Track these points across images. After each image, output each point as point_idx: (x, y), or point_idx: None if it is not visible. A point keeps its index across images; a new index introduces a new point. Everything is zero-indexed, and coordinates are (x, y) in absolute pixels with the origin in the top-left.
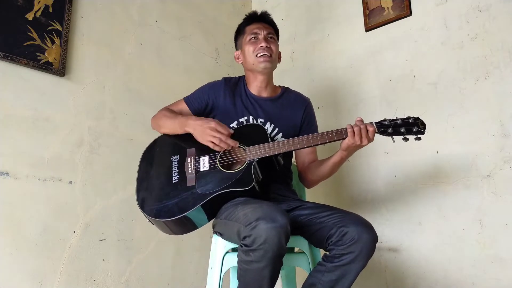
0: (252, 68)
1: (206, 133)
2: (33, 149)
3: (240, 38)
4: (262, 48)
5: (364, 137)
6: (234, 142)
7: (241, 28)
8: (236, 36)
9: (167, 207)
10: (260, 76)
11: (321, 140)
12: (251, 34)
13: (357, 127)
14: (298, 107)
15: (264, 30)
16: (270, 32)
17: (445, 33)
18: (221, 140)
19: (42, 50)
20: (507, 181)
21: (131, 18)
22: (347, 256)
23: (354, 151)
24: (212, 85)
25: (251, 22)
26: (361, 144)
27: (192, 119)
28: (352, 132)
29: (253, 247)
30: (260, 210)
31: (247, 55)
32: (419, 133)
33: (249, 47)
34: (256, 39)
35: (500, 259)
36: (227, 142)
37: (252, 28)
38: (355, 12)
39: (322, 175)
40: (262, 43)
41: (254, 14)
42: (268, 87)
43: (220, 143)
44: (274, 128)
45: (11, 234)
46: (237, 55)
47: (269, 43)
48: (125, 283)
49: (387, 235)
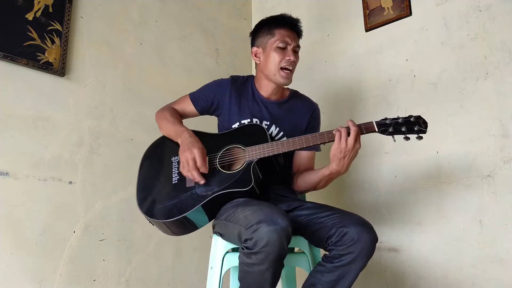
0: (271, 76)
1: (184, 155)
2: (33, 149)
3: (266, 37)
4: (289, 61)
5: (351, 140)
6: (200, 178)
7: (270, 28)
8: (258, 31)
9: (166, 208)
10: (275, 85)
11: (320, 139)
12: (282, 41)
13: (341, 130)
14: (305, 112)
15: (294, 42)
16: (298, 45)
17: (445, 33)
18: (189, 170)
19: (42, 50)
20: (507, 181)
21: (131, 18)
22: (347, 257)
23: (344, 164)
24: (218, 83)
25: (283, 26)
26: (347, 148)
27: (186, 134)
28: (339, 136)
29: (255, 250)
30: (260, 212)
31: (270, 62)
32: (420, 132)
33: (275, 55)
34: (285, 50)
35: (500, 259)
36: (192, 174)
37: (284, 35)
38: (355, 12)
39: (310, 184)
40: (291, 56)
41: (288, 18)
42: (278, 91)
43: (187, 171)
44: (279, 132)
45: (11, 234)
46: (256, 52)
47: (296, 57)
48: (125, 283)
49: (387, 235)
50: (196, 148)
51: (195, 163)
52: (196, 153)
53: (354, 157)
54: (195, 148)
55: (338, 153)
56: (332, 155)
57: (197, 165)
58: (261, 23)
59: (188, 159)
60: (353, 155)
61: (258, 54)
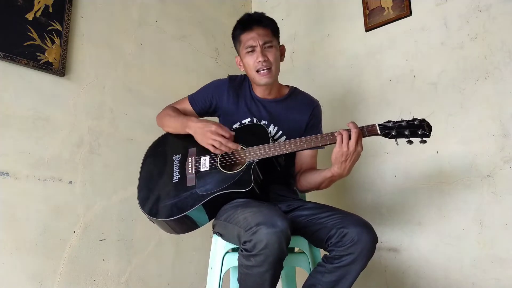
0: (253, 81)
1: (207, 136)
2: (33, 149)
3: (237, 45)
4: (259, 63)
5: (353, 143)
6: (235, 145)
7: (236, 35)
8: (233, 40)
9: (166, 207)
10: (263, 86)
11: (322, 141)
12: (246, 47)
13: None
14: (304, 109)
15: (260, 40)
16: (266, 41)
17: (445, 33)
18: (222, 143)
19: (42, 50)
20: (507, 181)
21: (131, 18)
22: (347, 257)
23: (346, 167)
24: (216, 84)
25: (244, 30)
26: (348, 152)
27: (193, 121)
28: (340, 139)
29: (254, 252)
30: (260, 214)
31: (247, 68)
32: (424, 136)
33: (247, 61)
34: (253, 52)
35: (500, 259)
36: (227, 146)
37: (247, 39)
38: (355, 12)
39: (313, 185)
40: (259, 57)
41: (246, 20)
42: (273, 90)
43: (220, 146)
44: (278, 131)
45: (11, 234)
46: (238, 61)
47: (267, 54)
48: (125, 283)
49: (387, 235)
50: (212, 125)
51: (222, 136)
52: (216, 129)
53: (356, 160)
54: (211, 126)
55: (340, 156)
56: (333, 158)
57: (226, 137)
58: (232, 31)
59: (214, 138)
60: (355, 158)
61: (240, 63)
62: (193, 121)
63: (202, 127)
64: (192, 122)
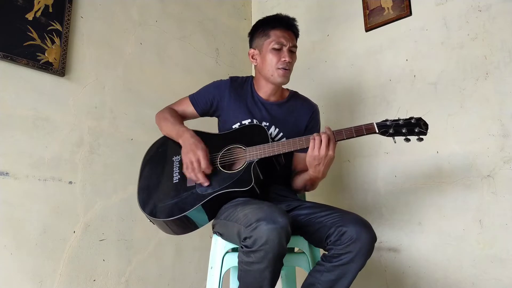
0: (268, 77)
1: (188, 156)
2: (33, 149)
3: (261, 39)
4: (285, 62)
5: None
6: (204, 179)
7: (265, 29)
8: (254, 33)
9: (167, 207)
10: (273, 85)
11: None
12: (277, 43)
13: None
14: (304, 112)
15: (290, 42)
16: (295, 45)
17: (445, 33)
18: (194, 169)
19: (42, 50)
20: (507, 181)
21: (131, 18)
22: (346, 256)
23: (320, 171)
24: (218, 84)
25: (277, 27)
26: (319, 156)
27: (188, 134)
28: (312, 143)
29: (254, 248)
30: (260, 211)
31: (267, 63)
32: (421, 133)
33: (271, 56)
34: (281, 51)
35: (500, 259)
36: (197, 175)
37: (279, 36)
38: (355, 12)
39: (300, 186)
40: (287, 57)
41: (283, 18)
42: (277, 92)
43: (190, 172)
44: (278, 132)
45: (11, 234)
46: (252, 54)
47: (292, 57)
48: (125, 283)
49: (387, 235)
50: (200, 149)
51: (200, 164)
52: (201, 155)
53: (330, 164)
54: (199, 149)
55: (312, 160)
56: (307, 162)
57: (202, 167)
58: (257, 24)
59: (192, 161)
60: (328, 162)
61: (254, 56)
62: (188, 134)
63: (192, 144)
64: (187, 134)
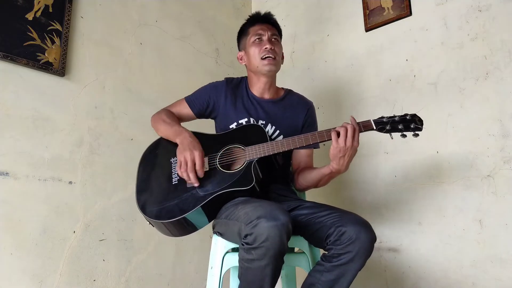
0: (256, 70)
1: (184, 154)
2: (33, 149)
3: (244, 39)
4: (266, 50)
5: (350, 139)
6: (195, 180)
7: (245, 29)
8: (239, 36)
9: (167, 209)
10: (264, 78)
11: (320, 138)
12: (255, 35)
13: (340, 129)
14: (300, 109)
15: (268, 31)
16: (274, 34)
17: (445, 33)
18: (186, 170)
19: (42, 50)
20: (507, 181)
21: (131, 18)
22: (345, 256)
23: (344, 163)
24: (213, 86)
25: (254, 23)
26: (345, 148)
27: (187, 134)
28: (335, 135)
29: (255, 245)
30: (261, 208)
31: (251, 57)
32: (416, 129)
33: (253, 49)
34: (260, 41)
35: (500, 259)
36: (188, 174)
37: (256, 29)
38: (355, 12)
39: (311, 183)
40: (267, 45)
41: (257, 14)
42: (271, 89)
43: (183, 172)
44: (275, 130)
45: (11, 234)
46: (240, 56)
47: (273, 44)
48: (125, 283)
49: (387, 235)
50: (197, 150)
51: (194, 164)
52: (197, 155)
53: (353, 156)
54: (196, 150)
55: (337, 152)
56: (331, 155)
57: (196, 167)
58: (240, 29)
59: (187, 159)
60: (352, 153)
61: (242, 57)
62: (186, 134)
63: (190, 143)
64: (185, 133)
